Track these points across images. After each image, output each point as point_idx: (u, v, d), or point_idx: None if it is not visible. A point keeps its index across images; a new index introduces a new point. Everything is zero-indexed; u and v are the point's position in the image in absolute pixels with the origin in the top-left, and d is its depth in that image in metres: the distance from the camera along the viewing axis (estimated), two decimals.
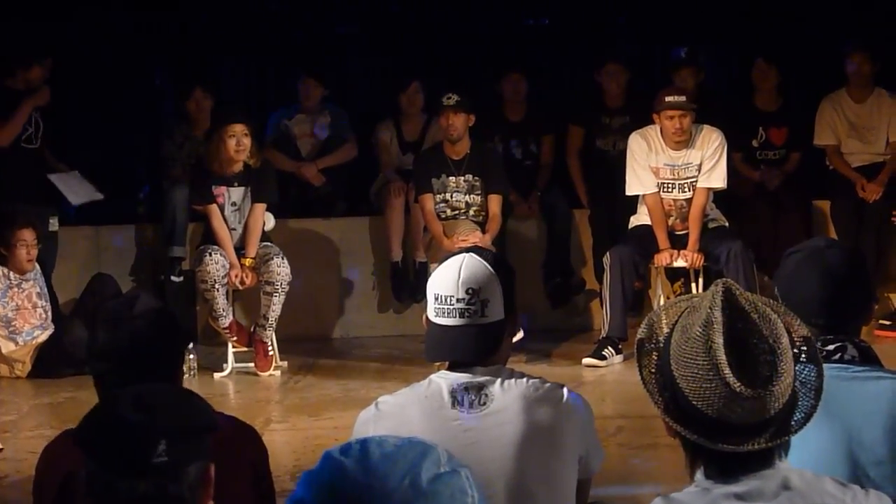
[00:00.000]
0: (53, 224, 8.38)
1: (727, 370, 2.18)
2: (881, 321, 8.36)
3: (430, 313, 3.13)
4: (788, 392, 2.24)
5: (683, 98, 7.74)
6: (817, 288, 2.95)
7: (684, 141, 7.79)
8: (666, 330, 2.34)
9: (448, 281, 3.09)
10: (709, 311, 2.23)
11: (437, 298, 3.10)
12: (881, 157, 8.77)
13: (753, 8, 10.17)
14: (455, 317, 3.08)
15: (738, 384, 2.17)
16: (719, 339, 2.20)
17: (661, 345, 2.33)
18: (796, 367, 2.27)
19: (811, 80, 9.55)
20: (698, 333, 2.22)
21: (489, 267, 3.11)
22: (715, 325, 2.21)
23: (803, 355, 2.33)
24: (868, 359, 2.95)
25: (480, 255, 3.15)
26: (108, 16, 10.02)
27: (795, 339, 2.30)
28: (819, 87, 9.17)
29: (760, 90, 9.01)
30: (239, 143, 7.65)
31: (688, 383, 2.23)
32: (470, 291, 3.07)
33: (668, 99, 7.72)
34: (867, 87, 8.83)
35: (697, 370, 2.21)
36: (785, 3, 10.06)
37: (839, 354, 2.87)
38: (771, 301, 2.31)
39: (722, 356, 2.19)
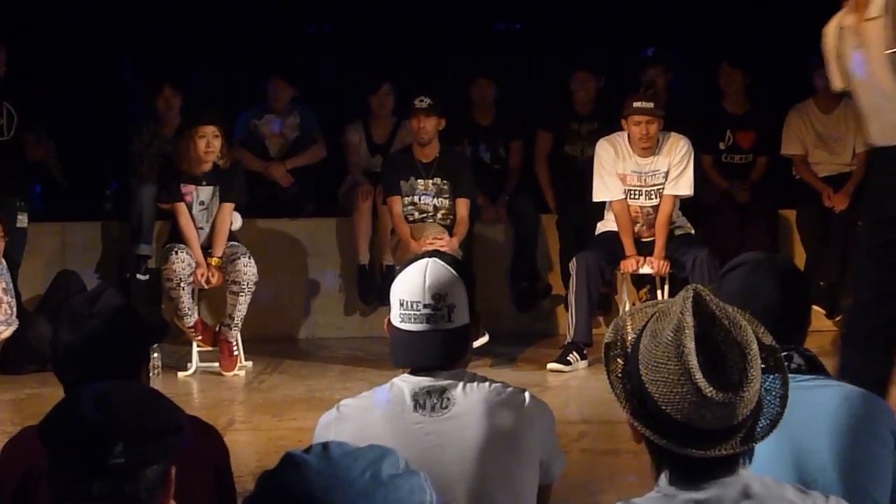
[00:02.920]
0: (22, 220, 8.32)
1: (699, 374, 2.18)
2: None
3: (395, 318, 3.12)
4: (756, 399, 2.25)
5: (652, 105, 7.75)
6: (769, 299, 2.97)
7: (651, 147, 7.81)
8: (633, 335, 2.34)
9: (414, 286, 3.08)
10: (680, 315, 2.23)
11: (402, 304, 3.09)
12: (848, 167, 8.81)
13: (721, 13, 10.23)
14: (422, 322, 3.07)
15: (710, 389, 2.17)
16: (691, 344, 2.20)
17: (629, 349, 2.34)
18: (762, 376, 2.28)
19: (780, 86, 9.60)
20: (669, 338, 2.22)
21: (453, 271, 3.11)
22: (686, 330, 2.21)
23: (768, 364, 2.33)
24: (814, 367, 3.00)
25: (442, 259, 3.14)
26: (76, 8, 9.99)
27: (761, 347, 2.31)
28: (787, 93, 9.22)
29: (728, 94, 9.06)
30: (209, 144, 7.64)
31: (657, 388, 2.23)
32: (436, 297, 3.07)
33: (636, 104, 7.74)
34: (835, 98, 8.85)
35: (668, 375, 2.21)
36: (753, 8, 10.11)
37: (786, 364, 2.90)
38: (739, 309, 2.32)
39: (693, 361, 2.19)
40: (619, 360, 2.36)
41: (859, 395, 2.94)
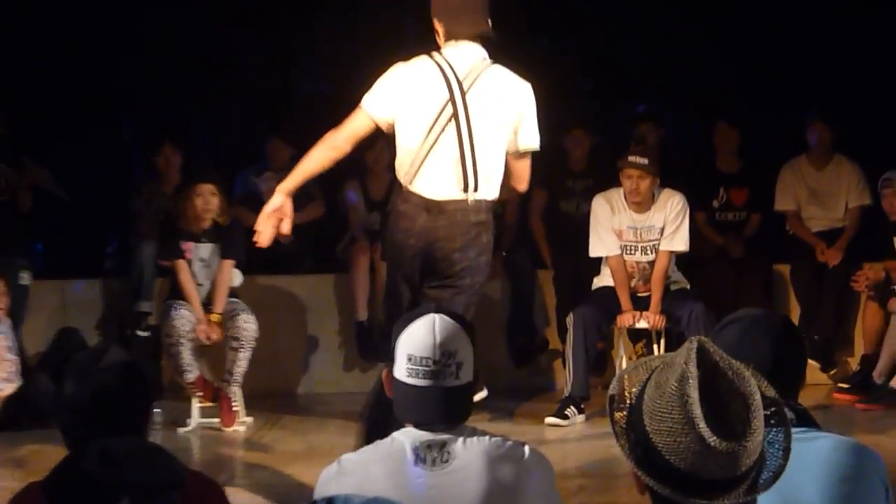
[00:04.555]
0: (24, 278, 8.36)
1: (702, 423, 2.20)
2: (840, 384, 8.41)
3: (400, 373, 3.13)
4: (759, 449, 2.27)
5: (646, 161, 7.82)
6: (763, 357, 2.97)
7: (642, 203, 7.87)
8: (638, 386, 2.37)
9: (423, 343, 3.09)
10: (684, 366, 2.25)
11: (410, 359, 3.10)
12: (840, 222, 8.88)
13: (714, 71, 10.31)
14: (430, 379, 3.09)
15: (713, 437, 2.19)
16: (695, 394, 2.22)
17: (634, 400, 2.36)
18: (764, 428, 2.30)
19: (771, 143, 9.67)
20: (674, 388, 2.24)
21: (461, 328, 3.14)
22: (690, 380, 2.23)
23: (771, 416, 2.37)
24: (805, 420, 3.00)
25: (448, 314, 3.16)
26: (75, 67, 10.06)
27: (764, 399, 2.33)
28: (779, 150, 9.29)
29: (721, 152, 9.12)
30: (207, 202, 7.71)
31: (661, 437, 2.25)
32: (446, 354, 3.09)
33: (630, 158, 7.82)
34: (827, 154, 8.95)
35: (672, 424, 2.23)
36: (744, 66, 10.19)
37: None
38: (740, 362, 2.35)
39: (697, 410, 2.21)
40: (623, 410, 2.38)
41: (850, 446, 2.95)
